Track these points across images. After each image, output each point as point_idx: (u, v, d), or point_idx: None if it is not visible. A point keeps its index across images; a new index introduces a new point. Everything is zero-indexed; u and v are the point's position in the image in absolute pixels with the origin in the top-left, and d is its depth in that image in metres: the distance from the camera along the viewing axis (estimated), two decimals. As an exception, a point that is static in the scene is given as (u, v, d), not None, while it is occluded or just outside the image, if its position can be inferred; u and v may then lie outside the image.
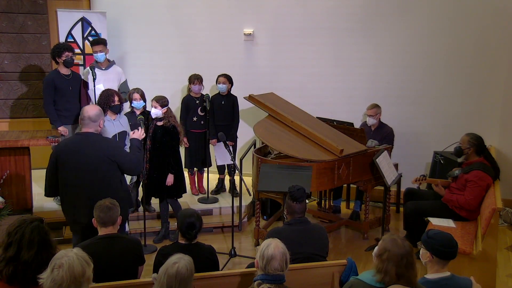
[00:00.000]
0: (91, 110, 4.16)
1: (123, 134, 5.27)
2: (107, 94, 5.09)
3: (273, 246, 3.00)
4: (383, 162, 5.54)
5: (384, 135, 6.25)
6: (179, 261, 2.80)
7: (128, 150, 5.33)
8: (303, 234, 3.74)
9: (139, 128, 4.68)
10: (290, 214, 3.84)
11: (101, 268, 2.92)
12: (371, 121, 6.31)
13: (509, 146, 6.45)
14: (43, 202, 5.78)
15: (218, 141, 6.20)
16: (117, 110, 5.13)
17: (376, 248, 2.91)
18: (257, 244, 5.54)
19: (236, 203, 5.94)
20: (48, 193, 4.29)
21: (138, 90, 5.62)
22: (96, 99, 5.80)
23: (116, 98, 5.07)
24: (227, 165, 6.46)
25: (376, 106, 6.33)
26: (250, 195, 6.04)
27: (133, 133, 4.52)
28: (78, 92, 6.02)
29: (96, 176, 4.05)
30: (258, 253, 3.03)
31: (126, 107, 5.67)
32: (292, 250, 3.59)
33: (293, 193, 3.79)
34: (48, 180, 4.20)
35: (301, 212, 3.82)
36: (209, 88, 6.73)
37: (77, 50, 6.66)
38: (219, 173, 6.68)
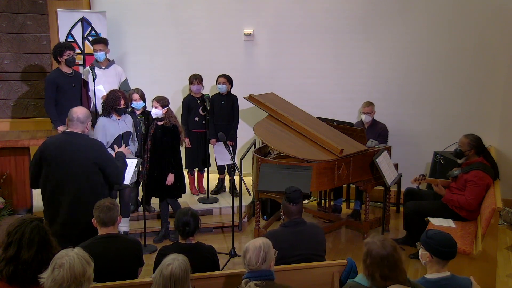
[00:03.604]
0: (79, 111, 4.12)
1: (128, 134, 5.28)
2: (113, 97, 5.11)
3: (251, 241, 3.06)
4: (383, 162, 5.54)
5: (378, 132, 6.29)
6: (173, 262, 2.80)
7: (131, 149, 5.37)
8: (299, 235, 3.74)
9: (135, 141, 4.94)
10: (287, 216, 3.85)
11: (101, 267, 2.92)
12: (367, 118, 6.33)
13: (509, 146, 6.45)
14: (43, 202, 5.77)
15: (218, 141, 6.21)
16: (123, 113, 5.17)
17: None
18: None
19: (236, 203, 5.94)
20: (33, 185, 4.31)
21: (137, 91, 5.63)
22: (96, 100, 5.83)
23: (122, 102, 5.11)
24: (227, 165, 6.46)
25: (371, 104, 6.37)
26: (250, 195, 6.04)
27: (120, 148, 4.68)
28: (80, 91, 6.03)
29: (78, 177, 4.03)
30: None
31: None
32: (289, 252, 3.61)
33: (289, 195, 3.79)
34: (31, 173, 4.22)
35: (298, 213, 3.82)
36: (209, 88, 6.73)
37: (77, 50, 6.66)
38: (219, 173, 6.68)
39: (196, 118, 6.31)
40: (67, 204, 4.03)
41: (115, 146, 4.76)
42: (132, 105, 5.58)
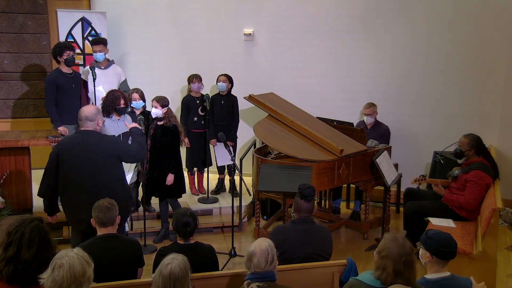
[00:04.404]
0: (88, 110, 4.16)
1: (127, 134, 5.28)
2: (113, 97, 5.11)
3: (256, 244, 3.04)
4: (383, 162, 5.54)
5: (380, 133, 6.28)
6: (172, 262, 2.80)
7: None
8: (306, 234, 3.74)
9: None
10: (297, 212, 3.85)
11: (100, 267, 2.92)
12: (369, 120, 6.33)
13: (509, 146, 6.45)
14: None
15: (218, 141, 6.21)
16: (123, 112, 5.18)
17: (378, 245, 2.93)
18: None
19: (236, 203, 5.94)
20: (42, 192, 4.24)
21: (137, 90, 5.64)
22: (96, 101, 5.83)
23: (122, 101, 5.12)
24: (227, 165, 6.46)
25: (373, 105, 6.36)
26: (250, 195, 6.04)
27: (128, 125, 4.62)
28: (80, 91, 6.03)
29: (98, 173, 4.05)
30: None
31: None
32: (294, 249, 3.61)
33: (303, 191, 3.79)
34: (45, 179, 4.17)
35: (308, 211, 3.81)
36: (209, 88, 6.73)
37: (77, 50, 6.66)
38: (219, 173, 6.68)
39: (195, 118, 6.31)
40: (89, 203, 3.92)
41: (126, 124, 4.77)
42: (131, 105, 5.58)
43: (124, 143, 4.41)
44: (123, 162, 4.38)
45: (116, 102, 5.09)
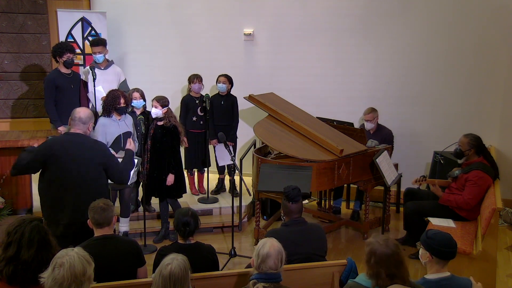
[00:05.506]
0: (82, 111, 4.13)
1: (128, 134, 5.28)
2: (113, 96, 5.12)
3: (269, 245, 3.02)
4: (383, 162, 5.54)
5: (383, 137, 6.23)
6: (172, 262, 2.80)
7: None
8: (301, 234, 3.74)
9: (135, 142, 4.88)
10: (287, 215, 3.84)
11: (99, 268, 2.91)
12: (369, 126, 6.28)
13: (509, 146, 6.45)
14: (43, 202, 5.77)
15: (218, 141, 6.20)
16: (123, 111, 5.17)
17: (365, 253, 2.91)
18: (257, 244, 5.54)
19: (236, 203, 5.94)
20: (16, 170, 4.10)
21: (137, 90, 5.65)
22: (96, 101, 5.83)
23: (122, 100, 5.13)
24: (227, 165, 6.46)
25: (373, 111, 6.29)
26: (250, 195, 6.04)
27: (129, 144, 4.59)
28: (79, 91, 6.03)
29: (84, 178, 4.02)
30: (254, 252, 3.06)
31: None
32: (291, 251, 3.60)
33: (289, 193, 3.79)
34: (23, 162, 4.01)
35: (298, 212, 3.82)
36: (209, 88, 6.73)
37: (77, 50, 6.66)
38: (219, 173, 6.68)
39: (194, 118, 6.30)
40: (72, 204, 4.00)
41: (129, 140, 4.73)
42: (132, 104, 5.58)
43: (115, 159, 4.31)
44: None
45: (116, 101, 5.10)
